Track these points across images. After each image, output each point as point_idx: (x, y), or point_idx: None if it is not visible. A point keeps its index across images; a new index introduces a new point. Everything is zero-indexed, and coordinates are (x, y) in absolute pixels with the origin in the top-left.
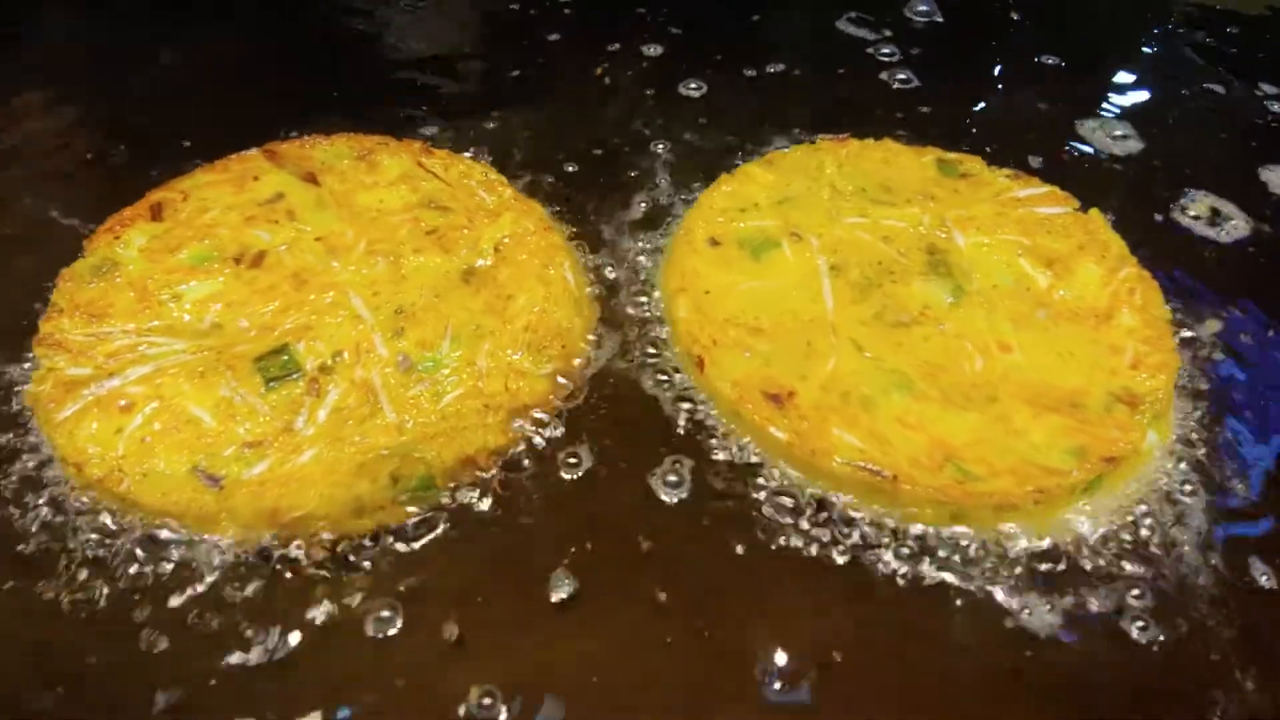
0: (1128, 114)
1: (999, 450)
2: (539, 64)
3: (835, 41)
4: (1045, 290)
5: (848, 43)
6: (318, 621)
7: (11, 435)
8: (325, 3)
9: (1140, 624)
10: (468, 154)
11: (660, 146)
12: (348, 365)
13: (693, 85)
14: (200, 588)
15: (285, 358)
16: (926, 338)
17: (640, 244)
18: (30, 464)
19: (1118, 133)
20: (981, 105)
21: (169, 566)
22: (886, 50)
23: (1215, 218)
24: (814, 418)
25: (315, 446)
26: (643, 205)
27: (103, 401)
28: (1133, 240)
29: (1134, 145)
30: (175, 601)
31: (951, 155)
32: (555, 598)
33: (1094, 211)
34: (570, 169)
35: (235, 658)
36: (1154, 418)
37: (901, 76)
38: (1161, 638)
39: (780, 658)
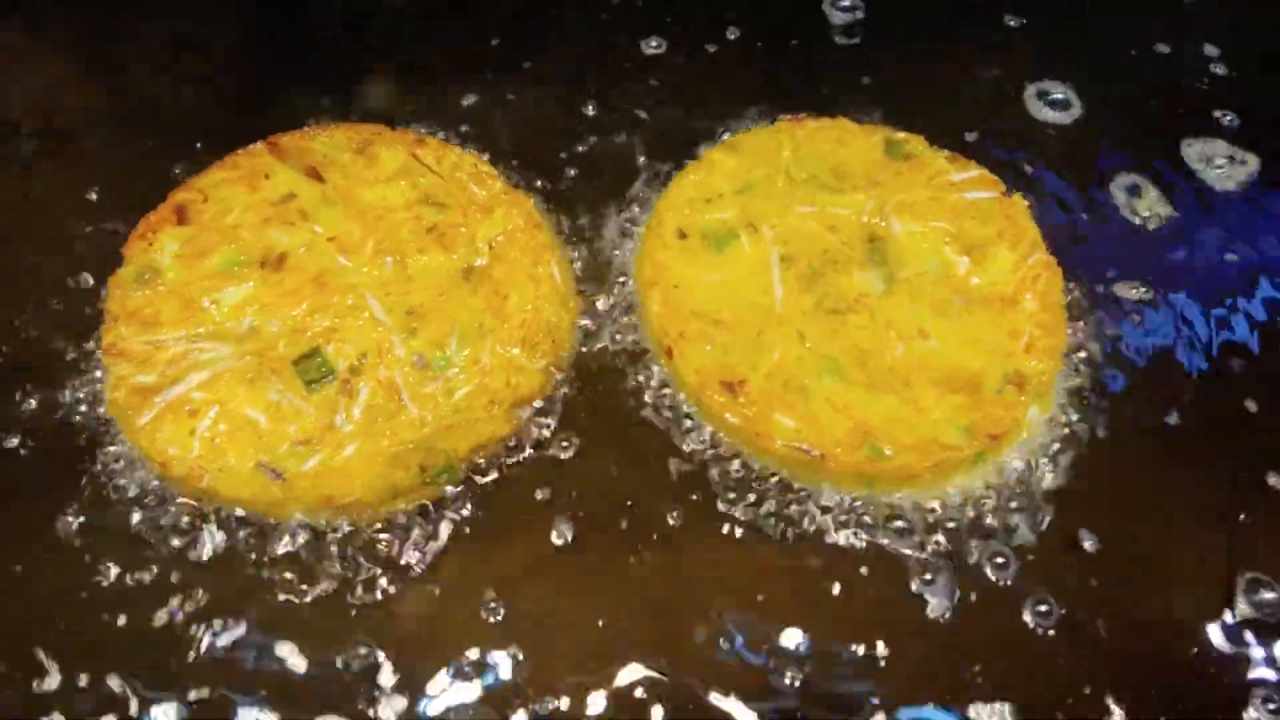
0: (1071, 79)
1: (907, 429)
2: (512, 39)
3: (798, 5)
4: (963, 277)
5: (810, 7)
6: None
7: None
8: None
9: (996, 572)
10: (439, 134)
11: (632, 123)
12: (372, 366)
13: (655, 44)
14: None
15: (319, 360)
16: (860, 325)
17: (618, 230)
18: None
19: (1058, 97)
20: (933, 72)
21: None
22: (845, 9)
23: (1130, 196)
24: (761, 403)
25: (355, 442)
26: (618, 189)
27: (173, 406)
28: (1048, 219)
29: (1071, 114)
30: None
31: (899, 135)
32: (557, 543)
33: (1017, 197)
34: (548, 148)
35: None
36: (1037, 396)
37: (858, 41)
38: (1008, 582)
39: (722, 596)
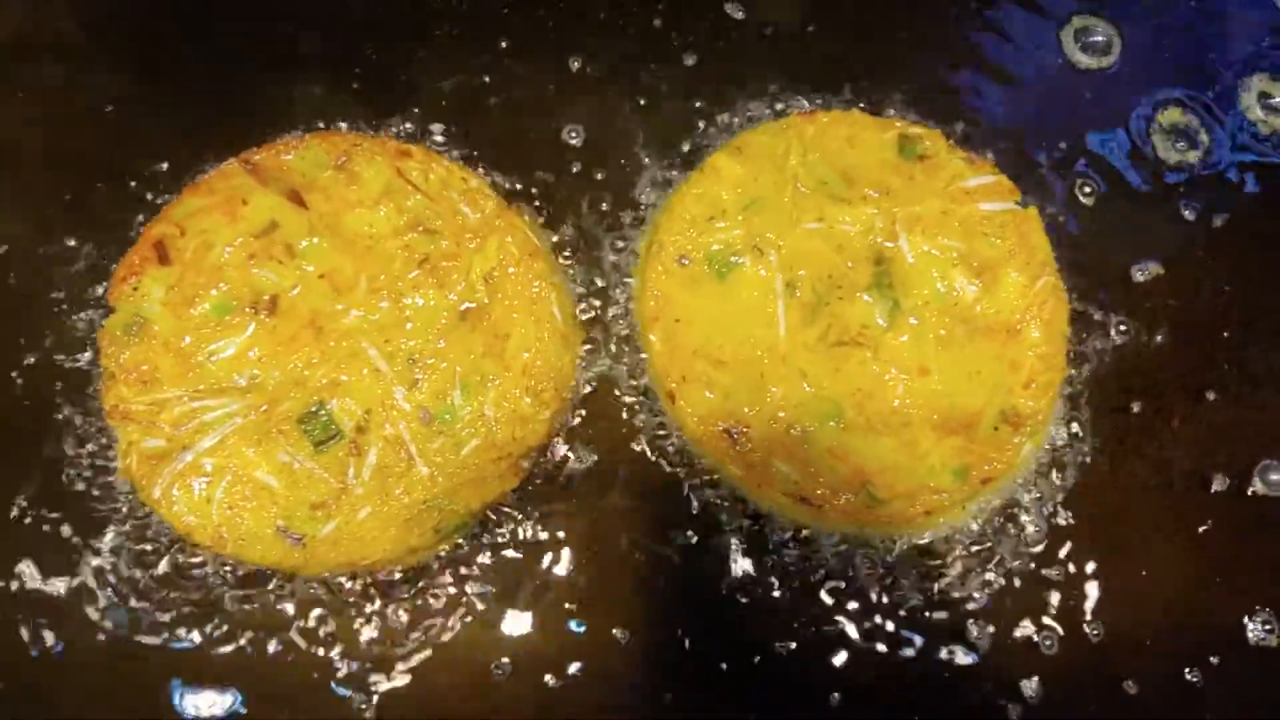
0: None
1: (903, 474)
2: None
3: None
4: (970, 304)
5: None
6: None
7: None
8: None
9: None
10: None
11: (629, 117)
12: (378, 423)
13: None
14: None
15: (325, 418)
16: (862, 362)
17: (617, 245)
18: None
19: (1097, 39)
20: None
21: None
22: None
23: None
24: (762, 450)
25: (369, 504)
26: (614, 198)
27: (184, 475)
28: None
29: (1106, 59)
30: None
31: (913, 130)
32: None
33: (1031, 210)
34: (537, 146)
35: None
36: (1031, 435)
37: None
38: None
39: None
